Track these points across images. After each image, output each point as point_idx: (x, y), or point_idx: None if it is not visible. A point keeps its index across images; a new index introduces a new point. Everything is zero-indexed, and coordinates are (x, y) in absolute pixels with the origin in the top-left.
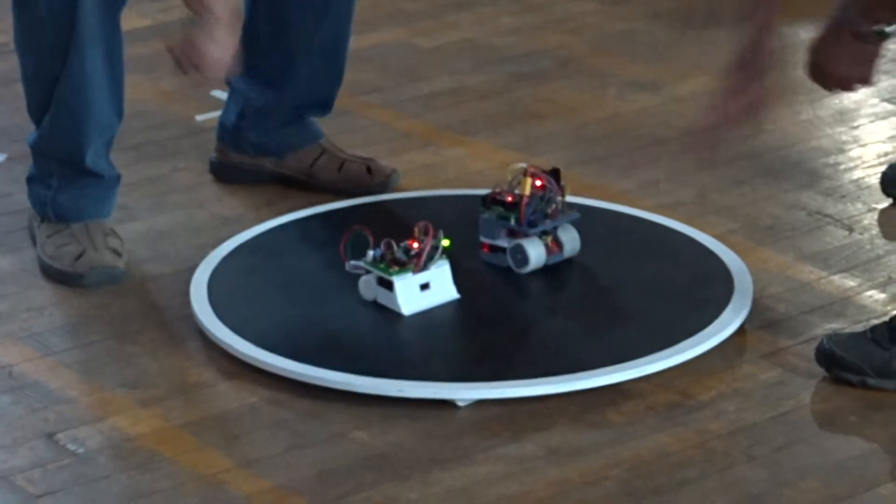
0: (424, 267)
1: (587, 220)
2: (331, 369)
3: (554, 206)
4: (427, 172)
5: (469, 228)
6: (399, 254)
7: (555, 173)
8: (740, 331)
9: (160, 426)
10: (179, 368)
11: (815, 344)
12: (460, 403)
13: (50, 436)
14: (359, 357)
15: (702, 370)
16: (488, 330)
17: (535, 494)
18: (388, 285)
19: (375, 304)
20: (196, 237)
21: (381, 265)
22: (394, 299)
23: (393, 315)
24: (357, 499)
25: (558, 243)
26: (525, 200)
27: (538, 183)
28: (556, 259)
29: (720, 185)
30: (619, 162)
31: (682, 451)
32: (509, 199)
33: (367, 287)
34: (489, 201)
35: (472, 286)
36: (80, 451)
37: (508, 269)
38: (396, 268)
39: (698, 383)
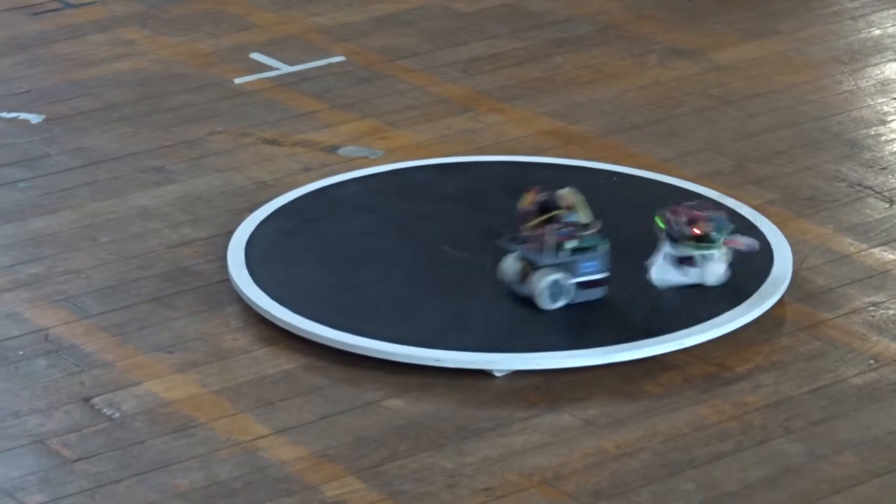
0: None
1: (626, 187)
2: (367, 337)
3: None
4: (465, 138)
5: (509, 197)
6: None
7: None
8: (779, 303)
9: (196, 391)
10: (215, 334)
11: (854, 317)
12: (497, 373)
13: (86, 400)
14: (395, 325)
15: (740, 342)
16: (525, 301)
17: (570, 465)
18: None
19: (414, 273)
20: (233, 201)
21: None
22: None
23: (429, 283)
24: (392, 467)
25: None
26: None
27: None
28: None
29: (760, 155)
30: (659, 130)
31: (719, 424)
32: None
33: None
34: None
35: None
36: (116, 415)
37: None
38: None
39: (736, 356)
